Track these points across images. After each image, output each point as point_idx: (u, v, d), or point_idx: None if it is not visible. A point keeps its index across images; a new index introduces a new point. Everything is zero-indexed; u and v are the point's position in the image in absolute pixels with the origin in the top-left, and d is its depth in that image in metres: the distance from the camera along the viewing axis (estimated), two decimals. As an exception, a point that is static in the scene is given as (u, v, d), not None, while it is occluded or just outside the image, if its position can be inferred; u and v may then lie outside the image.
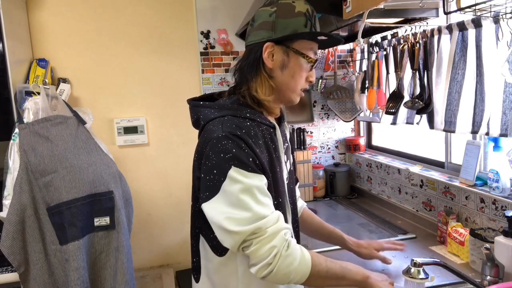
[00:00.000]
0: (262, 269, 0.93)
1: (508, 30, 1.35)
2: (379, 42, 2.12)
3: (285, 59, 1.05)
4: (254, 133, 1.01)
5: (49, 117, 1.77)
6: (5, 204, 1.68)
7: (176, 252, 2.54)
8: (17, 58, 1.96)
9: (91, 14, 2.29)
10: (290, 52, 1.05)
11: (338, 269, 1.02)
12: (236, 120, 1.01)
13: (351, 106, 2.64)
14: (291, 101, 1.11)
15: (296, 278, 0.96)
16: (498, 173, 1.51)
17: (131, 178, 2.06)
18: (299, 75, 1.07)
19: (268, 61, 1.04)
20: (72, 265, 1.68)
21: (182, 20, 2.44)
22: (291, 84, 1.07)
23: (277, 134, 1.10)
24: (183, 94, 2.46)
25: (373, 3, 1.39)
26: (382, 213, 2.20)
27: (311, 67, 1.09)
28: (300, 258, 0.95)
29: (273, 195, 1.03)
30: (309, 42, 1.07)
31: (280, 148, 1.09)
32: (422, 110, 1.75)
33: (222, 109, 1.05)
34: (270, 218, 0.94)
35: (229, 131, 0.97)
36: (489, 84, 1.47)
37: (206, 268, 1.11)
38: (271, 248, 0.92)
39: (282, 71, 1.06)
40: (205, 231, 1.06)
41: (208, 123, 1.04)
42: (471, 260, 1.47)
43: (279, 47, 1.04)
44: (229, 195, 0.93)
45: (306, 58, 1.06)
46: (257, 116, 1.05)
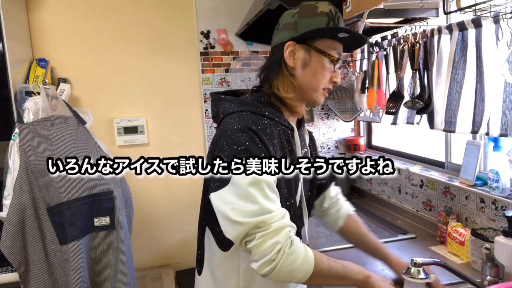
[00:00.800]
0: (264, 265, 0.91)
1: (508, 30, 1.35)
2: (379, 42, 2.12)
3: (306, 57, 1.05)
4: (270, 132, 1.01)
5: (49, 117, 1.77)
6: (5, 204, 1.68)
7: (176, 252, 2.54)
8: (17, 58, 1.96)
9: (91, 14, 2.29)
10: (312, 50, 1.04)
11: (340, 268, 1.00)
12: (254, 117, 1.02)
13: (351, 106, 2.64)
14: (313, 101, 1.10)
15: (299, 276, 0.94)
16: (498, 173, 1.51)
17: (131, 178, 2.05)
18: (321, 74, 1.06)
19: (289, 59, 1.05)
20: (72, 265, 1.68)
21: (182, 20, 2.44)
22: (313, 83, 1.06)
23: (295, 136, 1.09)
24: (183, 94, 2.47)
25: (373, 3, 1.40)
26: (382, 213, 2.20)
27: (334, 66, 1.07)
28: (303, 256, 0.94)
29: (285, 194, 1.03)
30: (332, 42, 1.05)
31: (297, 150, 1.09)
32: (422, 110, 1.75)
33: (242, 104, 1.05)
34: (276, 213, 0.93)
35: (245, 125, 0.97)
36: (489, 84, 1.47)
37: (209, 262, 1.11)
38: (274, 243, 0.90)
39: (304, 69, 1.05)
40: (212, 223, 1.06)
41: (226, 116, 1.05)
42: (472, 260, 1.47)
43: (300, 46, 1.04)
44: (238, 187, 0.93)
45: (328, 56, 1.04)
46: (276, 115, 1.05)
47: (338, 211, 1.32)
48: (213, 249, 1.08)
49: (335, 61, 1.06)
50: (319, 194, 1.30)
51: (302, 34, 1.03)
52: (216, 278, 1.09)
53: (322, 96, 1.09)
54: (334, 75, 1.08)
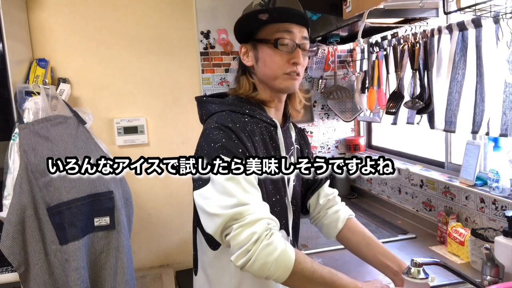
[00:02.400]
0: (240, 256, 0.88)
1: (508, 30, 1.35)
2: (379, 42, 2.12)
3: (255, 52, 1.07)
4: (251, 129, 1.03)
5: (49, 117, 1.77)
6: (5, 204, 1.68)
7: (176, 252, 2.54)
8: (17, 58, 1.96)
9: (91, 14, 2.29)
10: (256, 43, 1.07)
11: (327, 274, 0.93)
12: (234, 115, 1.04)
13: (351, 106, 2.64)
14: (279, 88, 1.08)
15: (277, 272, 0.88)
16: (498, 173, 1.51)
17: (131, 178, 2.05)
18: (272, 61, 1.05)
19: (246, 60, 1.10)
20: (72, 265, 1.68)
21: (182, 20, 2.44)
22: (268, 73, 1.07)
23: (279, 133, 1.10)
24: (183, 94, 2.46)
25: (373, 3, 1.40)
26: (382, 213, 2.20)
27: (285, 48, 1.03)
28: (282, 250, 0.89)
29: (271, 191, 1.05)
30: (274, 26, 1.03)
31: (281, 147, 1.10)
32: (422, 110, 1.75)
33: (223, 104, 1.08)
34: (253, 205, 0.92)
35: (222, 123, 1.00)
36: (489, 84, 1.47)
37: (201, 262, 1.13)
38: (251, 234, 0.87)
39: (258, 64, 1.08)
40: (201, 224, 1.06)
41: (208, 117, 1.07)
42: (472, 260, 1.47)
43: (248, 45, 1.09)
44: (216, 183, 0.94)
45: (271, 42, 1.03)
46: (257, 113, 1.07)
47: (337, 212, 1.24)
48: (204, 249, 1.10)
49: (282, 44, 1.03)
50: (313, 192, 1.27)
51: (239, 35, 1.09)
52: (209, 278, 1.11)
53: (286, 81, 1.06)
54: (291, 56, 1.04)
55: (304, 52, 1.06)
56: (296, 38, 1.04)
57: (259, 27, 1.05)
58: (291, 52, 1.04)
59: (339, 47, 2.58)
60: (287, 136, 1.15)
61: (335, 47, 2.50)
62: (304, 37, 1.06)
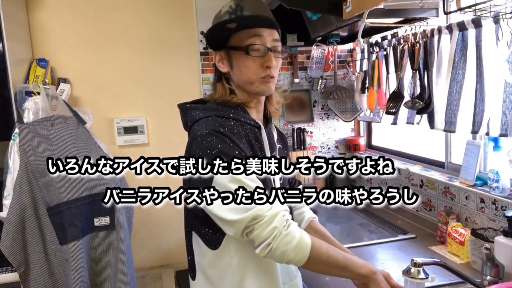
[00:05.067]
0: (263, 248, 0.95)
1: (508, 30, 1.35)
2: (379, 42, 2.12)
3: (229, 59, 1.09)
4: (237, 132, 1.05)
5: (49, 117, 1.77)
6: (5, 204, 1.68)
7: (176, 252, 2.54)
8: (17, 58, 1.96)
9: (91, 14, 2.29)
10: (229, 51, 1.08)
11: (341, 258, 1.00)
12: (220, 120, 1.05)
13: (351, 106, 2.64)
14: (256, 92, 1.10)
15: (296, 258, 0.96)
16: (498, 173, 1.51)
17: (131, 178, 2.05)
18: (245, 67, 1.06)
19: (221, 67, 1.11)
20: (72, 265, 1.68)
21: (182, 20, 2.44)
22: (243, 78, 1.08)
23: (263, 134, 1.12)
24: (183, 94, 2.46)
25: (373, 3, 1.40)
26: (382, 213, 2.19)
27: (257, 53, 1.05)
28: (299, 238, 0.96)
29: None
30: (244, 32, 1.05)
31: (266, 147, 1.12)
32: (422, 110, 1.75)
33: (207, 110, 1.09)
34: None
35: (212, 128, 1.01)
36: (489, 84, 1.47)
37: (200, 265, 1.13)
38: (272, 229, 0.94)
39: (233, 70, 1.09)
40: (197, 227, 1.10)
41: (194, 124, 1.08)
42: (472, 260, 1.47)
43: (222, 52, 1.10)
44: (220, 187, 0.96)
45: (242, 49, 1.05)
46: (241, 116, 1.09)
47: (302, 214, 1.30)
48: (203, 251, 1.10)
49: (254, 50, 1.05)
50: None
51: (212, 43, 1.11)
52: (210, 279, 1.11)
53: (263, 85, 1.08)
54: (264, 61, 1.06)
55: (276, 54, 1.08)
56: (267, 42, 1.06)
57: (229, 35, 1.07)
58: (263, 56, 1.06)
59: (339, 47, 2.58)
60: (271, 137, 1.17)
61: (335, 47, 2.50)
62: (275, 40, 1.08)
